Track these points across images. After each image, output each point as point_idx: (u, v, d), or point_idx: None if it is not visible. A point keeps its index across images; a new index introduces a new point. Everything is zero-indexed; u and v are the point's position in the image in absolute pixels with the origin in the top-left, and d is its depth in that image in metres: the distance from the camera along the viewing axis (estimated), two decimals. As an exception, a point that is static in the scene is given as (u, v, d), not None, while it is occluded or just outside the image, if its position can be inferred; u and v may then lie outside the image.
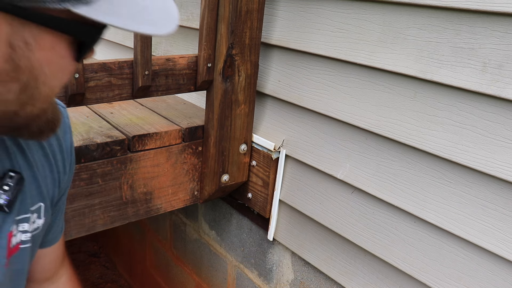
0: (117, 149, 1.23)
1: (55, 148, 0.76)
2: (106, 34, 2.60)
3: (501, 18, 0.87)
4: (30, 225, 0.72)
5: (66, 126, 0.80)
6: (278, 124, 1.41)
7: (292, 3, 1.27)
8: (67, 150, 0.79)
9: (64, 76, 0.55)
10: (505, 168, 0.90)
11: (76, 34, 0.51)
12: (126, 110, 1.52)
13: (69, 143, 0.80)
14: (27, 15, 0.45)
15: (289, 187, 1.41)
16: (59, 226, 0.91)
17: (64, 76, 0.55)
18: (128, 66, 1.15)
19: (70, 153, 0.81)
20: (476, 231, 0.97)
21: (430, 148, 1.02)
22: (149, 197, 1.35)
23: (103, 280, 2.76)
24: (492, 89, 0.89)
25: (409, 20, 1.01)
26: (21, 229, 0.71)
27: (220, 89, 1.30)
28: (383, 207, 1.15)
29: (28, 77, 0.50)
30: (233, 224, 1.73)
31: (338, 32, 1.16)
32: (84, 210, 1.21)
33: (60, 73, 0.54)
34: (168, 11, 0.53)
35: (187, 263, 2.10)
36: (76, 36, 0.51)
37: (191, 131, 1.38)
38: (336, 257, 1.31)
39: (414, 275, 1.11)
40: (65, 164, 0.79)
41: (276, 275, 1.57)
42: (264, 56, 1.40)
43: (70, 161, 0.81)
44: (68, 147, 0.80)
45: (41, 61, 0.50)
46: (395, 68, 1.05)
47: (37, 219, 0.74)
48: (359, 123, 1.16)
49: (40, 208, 0.74)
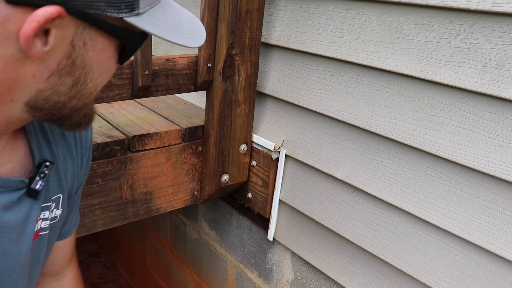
0: (117, 149, 1.23)
1: (78, 143, 0.83)
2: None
3: (501, 18, 0.87)
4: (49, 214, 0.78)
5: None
6: (278, 124, 1.41)
7: (292, 3, 1.27)
8: (86, 146, 0.87)
9: (107, 76, 0.64)
10: (505, 168, 0.90)
11: (125, 39, 0.60)
12: (126, 110, 1.52)
13: (90, 139, 0.87)
14: (91, 20, 0.54)
15: (289, 187, 1.41)
16: (74, 219, 0.95)
17: (107, 76, 0.64)
18: (128, 66, 1.15)
19: (89, 149, 0.88)
20: (476, 231, 0.97)
21: (430, 148, 1.02)
22: (149, 197, 1.35)
23: (103, 280, 2.76)
24: (492, 89, 0.89)
25: (409, 20, 1.01)
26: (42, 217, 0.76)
27: (220, 89, 1.30)
28: (383, 207, 1.15)
29: (80, 73, 0.58)
30: (233, 224, 1.73)
31: (338, 32, 1.16)
32: (84, 210, 1.21)
33: (104, 73, 0.62)
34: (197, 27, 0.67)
35: (187, 263, 2.10)
36: (124, 41, 0.61)
37: (191, 131, 1.38)
38: (336, 257, 1.31)
39: (414, 275, 1.11)
40: (83, 159, 0.86)
41: (276, 275, 1.57)
42: (264, 56, 1.40)
43: (88, 156, 0.88)
44: (88, 143, 0.87)
45: (92, 60, 0.58)
46: (395, 68, 1.05)
47: (56, 209, 0.79)
48: (359, 123, 1.16)
49: (59, 199, 0.80)
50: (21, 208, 0.70)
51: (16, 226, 0.69)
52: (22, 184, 0.70)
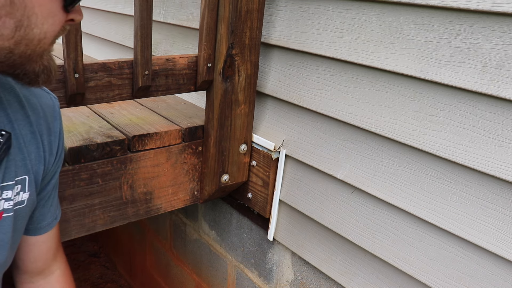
0: (117, 149, 1.23)
1: (43, 128, 0.81)
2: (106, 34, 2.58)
3: (501, 18, 0.87)
4: (13, 194, 0.75)
5: (56, 113, 0.86)
6: (278, 124, 1.41)
7: (292, 3, 1.27)
8: (55, 134, 0.84)
9: (55, 24, 0.61)
10: (505, 168, 0.90)
11: None
12: (126, 110, 1.52)
13: (58, 129, 0.86)
14: None
15: (289, 187, 1.41)
16: (53, 213, 0.93)
17: (55, 24, 0.61)
18: (128, 66, 1.15)
19: (59, 138, 0.86)
20: (476, 231, 0.97)
21: (430, 148, 1.02)
22: (149, 197, 1.35)
23: (103, 280, 2.76)
24: (492, 89, 0.89)
25: (409, 20, 1.01)
26: (4, 196, 0.74)
27: (220, 89, 1.30)
28: (383, 207, 1.16)
29: (21, 14, 0.56)
30: (233, 224, 1.73)
31: (338, 32, 1.16)
32: (84, 210, 1.21)
33: (50, 19, 0.59)
34: None
35: (187, 263, 2.10)
36: None
37: (191, 131, 1.38)
38: (336, 257, 1.31)
39: (414, 275, 1.11)
40: (51, 146, 0.84)
41: (276, 275, 1.57)
42: (264, 56, 1.40)
43: (57, 145, 0.86)
44: (57, 132, 0.85)
45: (33, 0, 0.56)
46: (395, 68, 1.05)
47: (22, 192, 0.77)
48: (359, 123, 1.16)
49: (25, 180, 0.78)
50: None
51: None
52: None
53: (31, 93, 0.80)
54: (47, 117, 0.82)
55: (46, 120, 0.82)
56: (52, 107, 0.85)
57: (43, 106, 0.82)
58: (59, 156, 0.87)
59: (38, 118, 0.80)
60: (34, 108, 0.79)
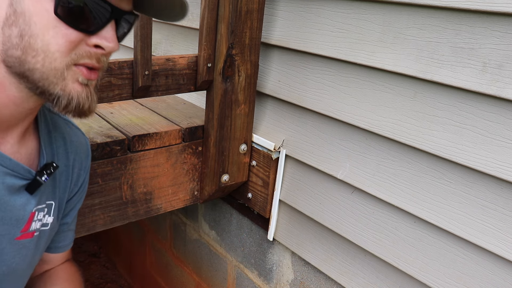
0: (117, 149, 1.23)
1: (76, 163, 0.91)
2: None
3: (501, 18, 0.87)
4: (42, 217, 0.82)
5: (89, 152, 0.97)
6: (278, 124, 1.41)
7: (292, 3, 1.27)
8: (85, 169, 0.95)
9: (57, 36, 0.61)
10: (505, 168, 0.90)
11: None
12: (126, 110, 1.52)
13: (88, 165, 0.96)
14: None
15: (289, 187, 1.41)
16: (72, 237, 1.03)
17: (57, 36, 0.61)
18: (128, 66, 1.15)
19: (86, 173, 0.95)
20: (476, 231, 0.97)
21: (430, 148, 1.02)
22: (149, 197, 1.35)
23: (103, 280, 2.76)
24: (492, 89, 0.89)
25: (409, 20, 1.01)
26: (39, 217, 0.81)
27: (220, 89, 1.30)
28: (383, 207, 1.16)
29: (23, 22, 0.60)
30: (233, 224, 1.73)
31: (338, 32, 1.16)
32: (84, 210, 1.21)
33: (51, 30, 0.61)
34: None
35: (187, 263, 2.10)
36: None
37: (191, 131, 1.38)
38: (336, 257, 1.31)
39: (414, 275, 1.11)
40: (79, 179, 0.93)
41: (276, 275, 1.57)
42: (264, 56, 1.40)
43: (84, 179, 0.95)
44: (87, 168, 0.96)
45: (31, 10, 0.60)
46: (395, 68, 1.05)
47: (47, 216, 0.84)
48: (359, 123, 1.16)
49: (52, 206, 0.85)
50: (19, 198, 0.74)
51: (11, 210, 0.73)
52: (28, 174, 0.75)
53: (71, 132, 0.91)
54: (81, 154, 0.93)
55: (80, 157, 0.92)
56: (86, 146, 0.95)
57: (79, 144, 0.93)
58: (83, 187, 0.96)
59: (75, 155, 0.90)
60: (72, 145, 0.90)
